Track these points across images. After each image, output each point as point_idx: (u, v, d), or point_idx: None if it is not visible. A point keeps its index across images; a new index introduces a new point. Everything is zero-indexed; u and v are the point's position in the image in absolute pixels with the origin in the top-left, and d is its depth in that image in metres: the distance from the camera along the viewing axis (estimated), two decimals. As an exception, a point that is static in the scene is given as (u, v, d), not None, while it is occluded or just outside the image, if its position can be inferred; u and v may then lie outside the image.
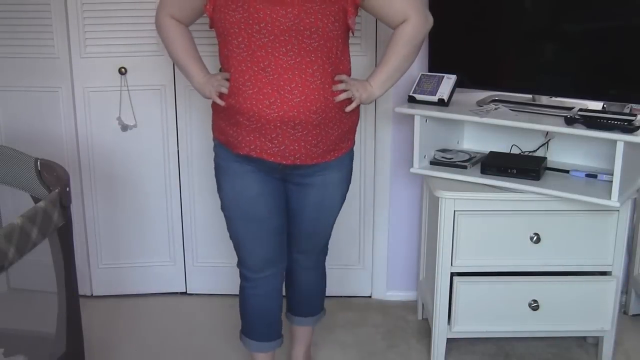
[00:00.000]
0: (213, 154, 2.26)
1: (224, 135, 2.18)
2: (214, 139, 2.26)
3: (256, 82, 2.01)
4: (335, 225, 2.91)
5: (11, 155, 2.13)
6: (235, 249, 2.29)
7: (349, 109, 2.13)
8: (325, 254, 2.48)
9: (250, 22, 1.98)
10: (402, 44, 2.15)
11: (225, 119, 2.14)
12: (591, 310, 2.50)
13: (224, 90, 2.09)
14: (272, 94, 2.00)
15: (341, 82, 2.10)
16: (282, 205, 2.25)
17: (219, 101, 2.12)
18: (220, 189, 2.25)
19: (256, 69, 2.01)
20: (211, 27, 2.12)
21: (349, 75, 2.15)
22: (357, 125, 2.25)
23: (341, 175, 2.25)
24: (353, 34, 2.16)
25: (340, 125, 2.14)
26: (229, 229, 2.27)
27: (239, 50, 2.02)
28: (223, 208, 2.26)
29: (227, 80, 2.09)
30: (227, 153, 2.18)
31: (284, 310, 2.50)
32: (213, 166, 2.32)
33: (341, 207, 2.33)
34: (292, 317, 2.54)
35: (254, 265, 2.28)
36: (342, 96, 2.09)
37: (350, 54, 2.17)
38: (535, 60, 2.49)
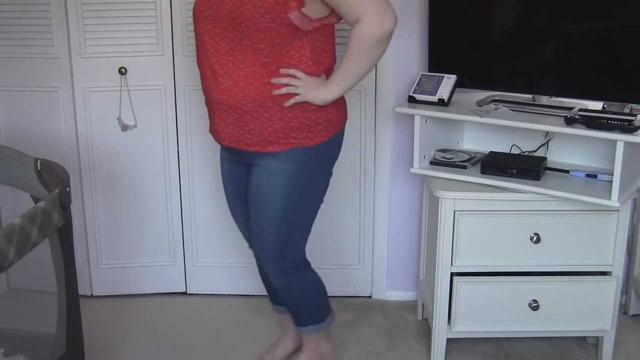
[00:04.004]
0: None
1: None
2: None
3: (203, 66, 2.13)
4: (334, 225, 2.92)
5: (11, 155, 2.13)
6: None
7: (287, 104, 2.07)
8: (282, 266, 2.28)
9: (202, 9, 2.08)
10: (351, 47, 2.04)
11: None
12: (591, 310, 2.49)
13: None
14: (211, 77, 2.10)
15: (288, 76, 2.05)
16: (242, 192, 2.31)
17: None
18: None
19: (202, 53, 2.11)
20: None
21: (311, 72, 2.08)
22: (318, 125, 2.13)
23: (285, 167, 2.14)
24: (303, 32, 2.03)
25: (283, 119, 2.09)
26: None
27: (195, 36, 2.15)
28: None
29: None
30: None
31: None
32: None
33: (283, 208, 2.18)
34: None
35: (245, 237, 2.45)
36: (282, 90, 2.05)
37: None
38: (535, 60, 2.49)
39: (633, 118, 2.26)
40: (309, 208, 2.25)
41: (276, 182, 2.16)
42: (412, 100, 2.54)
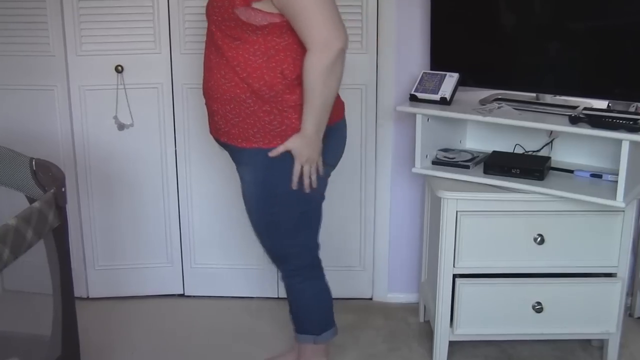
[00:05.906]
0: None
1: None
2: None
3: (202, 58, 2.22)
4: (335, 226, 2.90)
5: (6, 154, 2.12)
6: None
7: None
8: (285, 269, 2.32)
9: (206, 6, 2.15)
10: (304, 80, 2.01)
11: None
12: (596, 312, 2.48)
13: None
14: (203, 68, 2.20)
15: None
16: None
17: None
18: None
19: (203, 47, 2.21)
20: None
21: (262, 73, 2.04)
22: (274, 129, 2.09)
23: (253, 176, 2.16)
24: (258, 27, 2.00)
25: (245, 118, 2.08)
26: None
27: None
28: None
29: None
30: None
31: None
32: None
33: (263, 215, 2.21)
34: None
35: None
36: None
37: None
38: (539, 59, 2.48)
39: (638, 117, 2.24)
40: (294, 214, 2.20)
41: (251, 193, 2.20)
42: (413, 99, 2.52)
